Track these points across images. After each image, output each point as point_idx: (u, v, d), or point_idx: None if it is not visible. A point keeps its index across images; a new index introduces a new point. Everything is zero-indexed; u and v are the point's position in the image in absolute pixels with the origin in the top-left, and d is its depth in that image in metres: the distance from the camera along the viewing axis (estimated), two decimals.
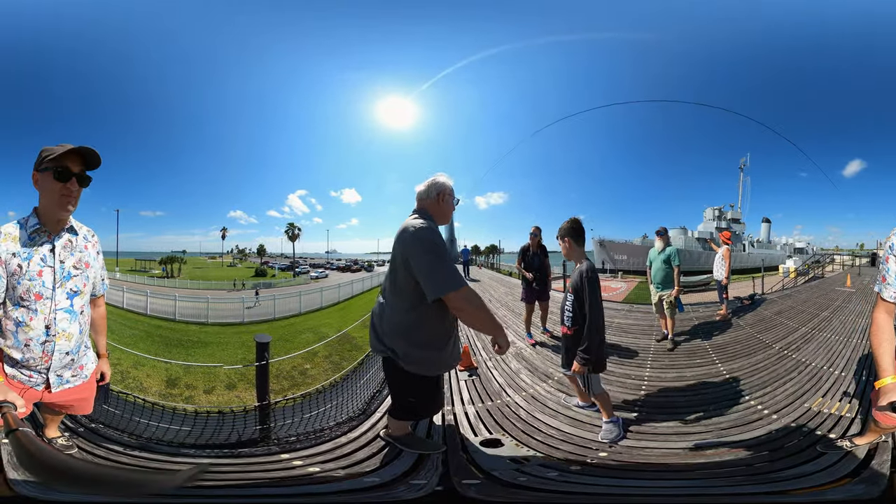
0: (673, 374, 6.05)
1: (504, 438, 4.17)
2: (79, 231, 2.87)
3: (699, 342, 7.52)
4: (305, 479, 3.48)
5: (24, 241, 2.63)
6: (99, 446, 3.80)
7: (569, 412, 4.83)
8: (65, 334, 2.75)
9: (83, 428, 4.08)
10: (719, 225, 26.89)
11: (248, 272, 26.44)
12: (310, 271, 29.00)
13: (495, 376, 6.07)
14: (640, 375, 5.98)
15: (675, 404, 5.04)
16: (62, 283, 2.73)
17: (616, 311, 10.50)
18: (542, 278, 7.93)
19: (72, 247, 2.80)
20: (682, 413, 4.77)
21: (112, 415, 4.65)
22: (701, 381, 5.74)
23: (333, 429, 4.59)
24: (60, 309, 2.73)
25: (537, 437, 4.29)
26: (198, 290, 20.56)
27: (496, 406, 5.04)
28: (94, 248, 2.99)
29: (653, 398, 5.25)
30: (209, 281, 22.78)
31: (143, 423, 4.75)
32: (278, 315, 18.60)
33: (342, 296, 21.69)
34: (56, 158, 2.56)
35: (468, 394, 5.42)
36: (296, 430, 4.83)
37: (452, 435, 4.14)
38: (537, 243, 7.96)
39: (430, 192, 3.33)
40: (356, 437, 4.18)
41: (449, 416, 4.64)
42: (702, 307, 10.46)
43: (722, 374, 5.93)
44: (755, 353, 6.70)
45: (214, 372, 12.63)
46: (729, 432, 4.29)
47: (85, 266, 2.87)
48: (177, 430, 4.74)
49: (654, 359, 6.71)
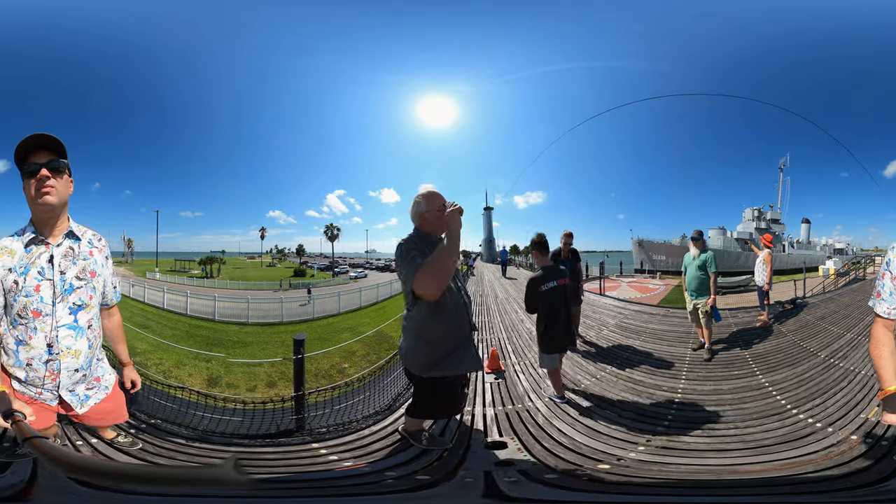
0: (709, 386, 5.64)
1: (511, 442, 4.09)
2: (81, 236, 2.58)
3: (738, 351, 7.04)
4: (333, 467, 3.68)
5: (20, 254, 2.38)
6: (166, 440, 4.01)
7: (586, 421, 4.61)
8: (70, 352, 2.49)
9: (145, 424, 4.29)
10: (759, 225, 25.82)
11: (287, 272, 26.44)
12: (349, 271, 29.07)
13: (521, 380, 5.91)
14: (674, 388, 5.60)
15: (710, 419, 4.67)
16: (63, 297, 2.46)
17: (651, 316, 10.05)
18: (574, 283, 7.63)
19: (74, 254, 2.52)
20: (717, 429, 4.41)
21: (170, 410, 5.06)
22: (740, 394, 5.32)
23: (360, 421, 4.84)
24: (63, 326, 2.46)
25: (546, 443, 4.10)
26: (237, 290, 20.73)
27: (515, 410, 4.89)
28: (102, 254, 2.69)
29: (685, 412, 4.89)
30: (250, 281, 22.92)
31: (197, 415, 5.07)
32: (317, 315, 18.69)
33: (381, 296, 21.68)
34: (18, 161, 2.33)
35: (491, 396, 5.32)
36: (327, 421, 5.06)
37: (464, 435, 4.16)
38: (569, 249, 7.66)
39: (413, 215, 3.37)
40: (377, 430, 4.40)
41: (468, 416, 4.66)
42: (741, 312, 9.87)
43: (764, 386, 5.49)
44: (799, 363, 6.22)
45: (254, 371, 12.76)
46: (774, 448, 3.90)
47: (90, 275, 2.58)
48: (228, 421, 5.09)
49: (690, 369, 6.30)
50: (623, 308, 11.44)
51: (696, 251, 7.05)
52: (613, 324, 9.48)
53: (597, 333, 8.65)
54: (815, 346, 6.89)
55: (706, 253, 6.98)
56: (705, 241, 7.21)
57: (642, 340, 8.01)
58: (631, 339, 8.17)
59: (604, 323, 9.62)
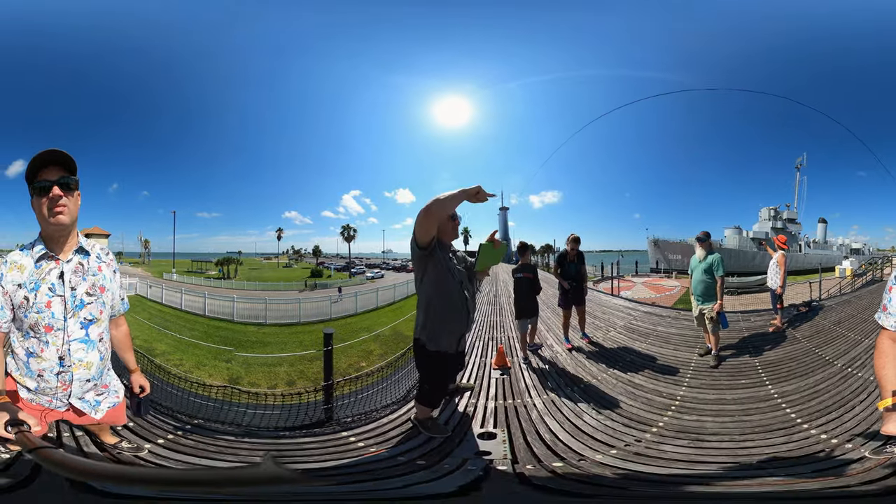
0: (712, 395, 5.20)
1: (500, 433, 4.21)
2: (91, 251, 2.53)
3: (747, 358, 6.53)
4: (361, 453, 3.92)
5: (30, 270, 2.33)
6: (215, 438, 4.18)
7: (577, 421, 4.56)
8: (83, 364, 2.45)
9: (189, 425, 4.44)
10: (775, 225, 25.03)
11: (304, 273, 26.21)
12: (366, 272, 28.87)
13: (525, 377, 5.91)
14: (673, 394, 5.21)
15: (706, 430, 4.27)
16: (74, 312, 2.41)
17: (660, 318, 9.57)
18: (578, 285, 7.52)
19: (83, 270, 2.47)
20: (710, 439, 4.07)
21: (211, 408, 5.45)
22: (744, 405, 4.89)
23: (380, 410, 5.11)
24: (75, 340, 2.42)
25: (529, 438, 4.11)
26: (255, 291, 20.60)
27: (513, 405, 4.93)
28: (110, 268, 2.63)
29: (680, 419, 4.54)
30: (267, 282, 22.74)
31: (241, 411, 5.42)
32: (335, 315, 18.50)
33: (398, 296, 21.38)
34: (30, 178, 2.29)
35: (494, 390, 5.39)
36: (352, 410, 5.39)
37: (463, 424, 4.42)
38: (575, 253, 7.37)
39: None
40: (394, 417, 4.69)
41: (471, 407, 4.84)
42: (754, 315, 9.31)
43: (772, 397, 5.03)
44: (813, 373, 5.71)
45: (274, 371, 12.61)
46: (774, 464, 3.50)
47: (100, 290, 2.52)
48: (262, 415, 5.37)
49: (694, 376, 5.85)
50: (633, 309, 10.95)
51: (701, 253, 6.53)
52: (622, 325, 9.06)
53: (604, 335, 8.26)
54: (831, 354, 6.34)
55: (713, 255, 6.45)
56: (712, 242, 6.68)
57: (648, 343, 7.59)
58: (637, 341, 7.76)
59: (612, 324, 9.19)
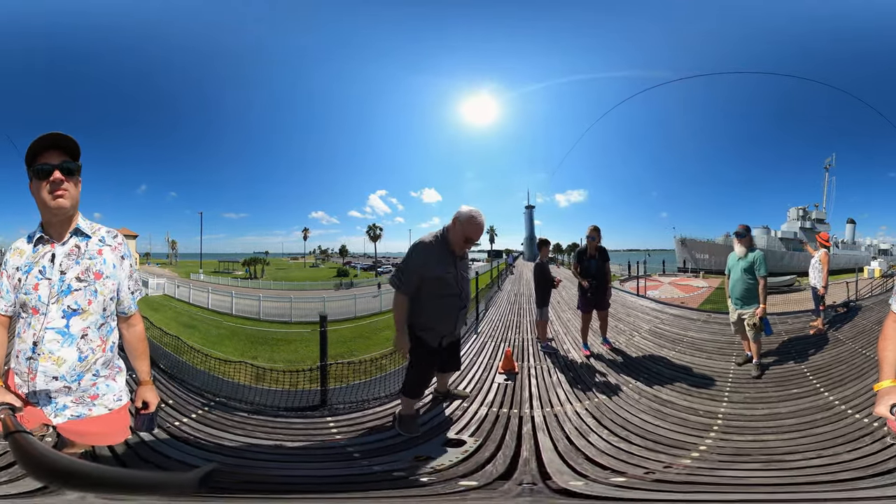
0: (763, 409, 4.36)
1: (472, 442, 3.76)
2: (92, 234, 2.27)
3: (792, 365, 5.66)
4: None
5: (28, 254, 2.21)
6: (232, 413, 4.44)
7: (578, 441, 3.70)
8: (52, 357, 2.13)
9: (213, 403, 4.69)
10: (804, 225, 23.66)
11: (331, 272, 26.05)
12: (392, 271, 28.19)
13: (531, 385, 5.20)
14: (713, 412, 4.39)
15: (769, 451, 3.51)
16: (58, 298, 2.16)
17: (690, 322, 8.64)
18: (600, 285, 6.45)
19: (79, 253, 2.22)
20: (786, 459, 3.32)
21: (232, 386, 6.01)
22: (807, 417, 4.10)
23: (372, 401, 4.95)
24: (51, 328, 2.14)
25: (507, 451, 3.56)
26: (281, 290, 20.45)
27: (506, 414, 4.35)
28: (115, 253, 2.31)
29: (731, 440, 3.73)
30: (293, 282, 22.63)
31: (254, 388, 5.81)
32: (359, 313, 18.16)
33: None
34: (30, 160, 2.13)
35: (492, 396, 4.81)
36: (345, 397, 5.25)
37: (437, 427, 4.10)
38: (595, 247, 6.45)
39: (453, 220, 3.66)
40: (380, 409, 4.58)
41: (459, 410, 4.45)
42: (791, 318, 8.32)
43: (834, 405, 4.26)
44: (867, 375, 4.87)
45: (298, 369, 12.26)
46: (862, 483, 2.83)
47: (94, 277, 2.21)
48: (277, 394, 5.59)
49: (735, 389, 5.01)
50: (660, 311, 9.96)
51: (742, 250, 5.55)
52: (647, 329, 8.18)
53: (627, 340, 7.38)
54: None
55: (754, 252, 5.49)
56: (752, 237, 5.71)
57: (677, 352, 6.70)
58: (665, 348, 6.88)
59: (636, 328, 8.31)
